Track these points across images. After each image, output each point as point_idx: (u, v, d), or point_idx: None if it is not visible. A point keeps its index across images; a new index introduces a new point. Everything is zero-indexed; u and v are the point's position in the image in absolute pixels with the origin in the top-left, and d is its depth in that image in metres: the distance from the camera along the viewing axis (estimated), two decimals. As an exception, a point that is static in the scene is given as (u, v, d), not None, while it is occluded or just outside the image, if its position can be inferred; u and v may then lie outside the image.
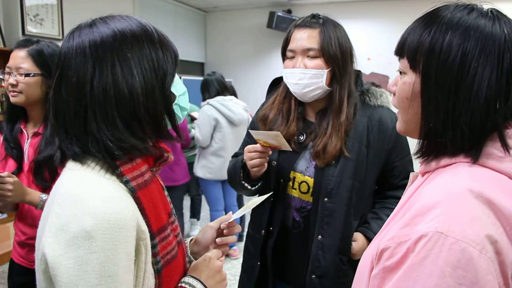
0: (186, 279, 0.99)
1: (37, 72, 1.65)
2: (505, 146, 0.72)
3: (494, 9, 0.76)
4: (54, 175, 1.63)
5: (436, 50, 0.74)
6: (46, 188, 1.63)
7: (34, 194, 1.58)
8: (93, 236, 0.75)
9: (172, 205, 1.05)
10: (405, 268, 0.67)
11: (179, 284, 0.97)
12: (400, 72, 0.83)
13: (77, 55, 0.85)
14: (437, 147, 0.78)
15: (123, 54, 0.86)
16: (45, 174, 1.64)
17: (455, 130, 0.73)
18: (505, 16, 0.75)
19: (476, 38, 0.71)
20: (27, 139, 1.72)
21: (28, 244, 1.73)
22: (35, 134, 1.71)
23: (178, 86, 1.01)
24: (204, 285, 0.99)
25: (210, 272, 1.03)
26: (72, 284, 0.75)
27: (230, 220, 1.21)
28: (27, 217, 1.72)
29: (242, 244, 1.23)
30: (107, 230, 0.76)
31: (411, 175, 0.93)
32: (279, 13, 6.24)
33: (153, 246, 0.88)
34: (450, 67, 0.72)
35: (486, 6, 0.76)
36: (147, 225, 0.86)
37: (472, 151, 0.73)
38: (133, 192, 0.86)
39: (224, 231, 1.21)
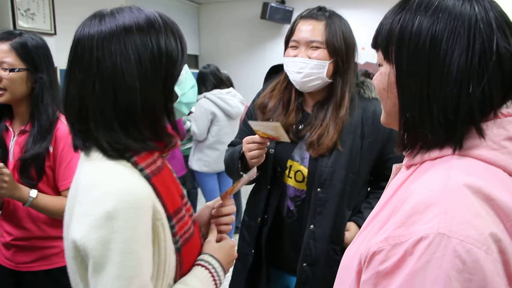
0: (205, 257, 1.04)
1: (22, 67, 1.56)
2: (479, 132, 0.69)
3: None
4: (41, 174, 1.60)
5: (405, 37, 0.72)
6: (32, 186, 1.57)
7: (24, 190, 1.52)
8: (114, 217, 0.81)
9: (182, 187, 1.09)
10: (407, 275, 0.61)
11: (198, 262, 1.03)
12: (379, 65, 0.81)
13: (85, 53, 0.88)
14: (418, 139, 0.74)
15: (127, 56, 0.87)
16: (32, 173, 1.58)
17: (432, 119, 0.70)
18: None
19: (445, 19, 0.68)
20: (13, 137, 1.65)
21: (14, 245, 1.67)
22: (22, 132, 1.63)
23: (186, 81, 1.04)
24: (221, 263, 1.04)
25: (225, 251, 1.09)
26: (98, 263, 0.81)
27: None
28: (12, 217, 1.66)
29: (238, 236, 1.24)
30: (127, 210, 0.82)
31: (394, 167, 0.90)
32: (272, 4, 6.21)
33: (172, 227, 0.93)
34: (420, 52, 0.70)
35: None
36: (164, 208, 0.91)
37: (453, 140, 0.70)
38: (148, 179, 0.90)
39: (213, 211, 1.20)
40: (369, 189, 1.71)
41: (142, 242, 0.84)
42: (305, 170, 1.54)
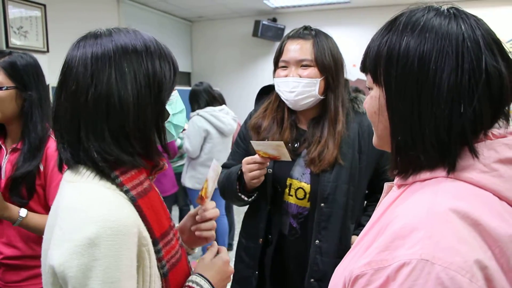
0: (194, 277, 1.00)
1: (10, 85, 1.57)
2: (473, 152, 0.67)
3: (453, 7, 0.72)
4: (31, 192, 1.59)
5: (393, 58, 0.71)
6: (23, 205, 1.56)
7: (13, 210, 1.51)
8: (96, 244, 0.77)
9: (175, 204, 1.06)
10: None
11: (186, 284, 0.99)
12: (369, 89, 0.80)
13: (79, 65, 0.88)
14: (412, 162, 0.72)
15: (121, 69, 0.87)
16: (22, 191, 1.58)
17: (424, 141, 0.68)
18: (464, 13, 0.71)
19: (432, 39, 0.67)
20: (5, 155, 1.65)
21: (4, 264, 1.66)
22: (14, 150, 1.63)
23: (176, 104, 1.04)
24: (210, 283, 1.01)
25: (217, 269, 1.06)
26: None
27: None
28: (2, 236, 1.65)
29: (231, 253, 1.19)
30: (110, 237, 0.78)
31: (386, 185, 0.89)
32: (264, 22, 6.28)
33: (158, 251, 0.90)
34: (409, 73, 0.68)
35: (445, 6, 0.73)
36: (149, 232, 0.88)
37: (445, 162, 0.68)
38: (134, 201, 0.87)
39: (197, 217, 1.18)
40: (365, 202, 1.73)
41: (125, 270, 0.80)
42: (306, 187, 1.55)
